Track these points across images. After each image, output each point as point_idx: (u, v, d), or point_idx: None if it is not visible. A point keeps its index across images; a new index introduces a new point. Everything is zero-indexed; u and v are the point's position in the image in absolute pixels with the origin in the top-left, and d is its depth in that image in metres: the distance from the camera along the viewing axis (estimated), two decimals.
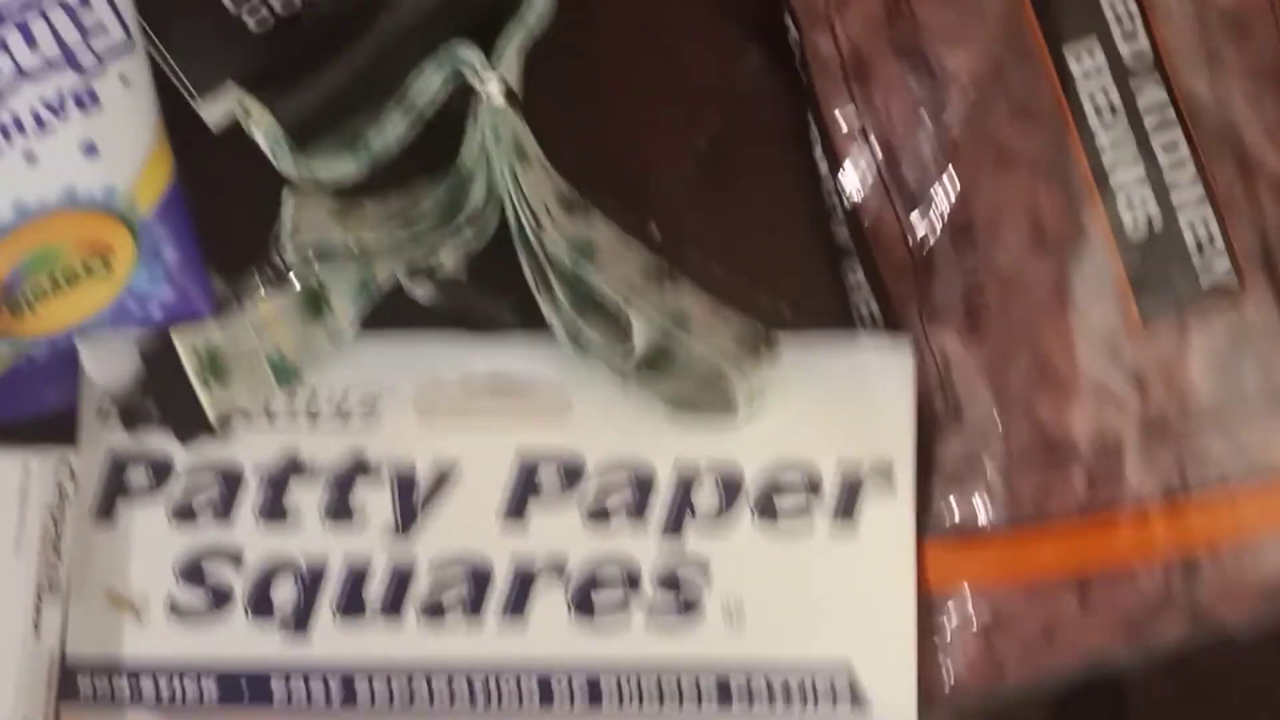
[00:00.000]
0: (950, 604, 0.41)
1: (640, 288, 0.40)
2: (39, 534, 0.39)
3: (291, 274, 0.41)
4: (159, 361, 0.40)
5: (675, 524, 0.41)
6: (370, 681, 0.40)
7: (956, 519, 0.41)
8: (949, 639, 0.41)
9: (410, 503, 0.41)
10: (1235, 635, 0.41)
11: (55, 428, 0.41)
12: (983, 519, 0.41)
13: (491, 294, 0.41)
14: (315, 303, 0.40)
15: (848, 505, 0.41)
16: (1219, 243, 0.41)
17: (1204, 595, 0.41)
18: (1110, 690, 0.42)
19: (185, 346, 0.40)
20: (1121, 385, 0.41)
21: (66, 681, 0.40)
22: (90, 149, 0.39)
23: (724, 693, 0.40)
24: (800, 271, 0.44)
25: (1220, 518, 0.41)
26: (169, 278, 0.41)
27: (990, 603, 0.41)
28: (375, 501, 0.41)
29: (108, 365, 0.41)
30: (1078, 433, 0.41)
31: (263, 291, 0.41)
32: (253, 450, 0.41)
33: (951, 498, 0.41)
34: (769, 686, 0.40)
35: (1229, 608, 0.41)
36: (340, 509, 0.41)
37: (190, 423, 0.40)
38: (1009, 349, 0.41)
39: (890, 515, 0.41)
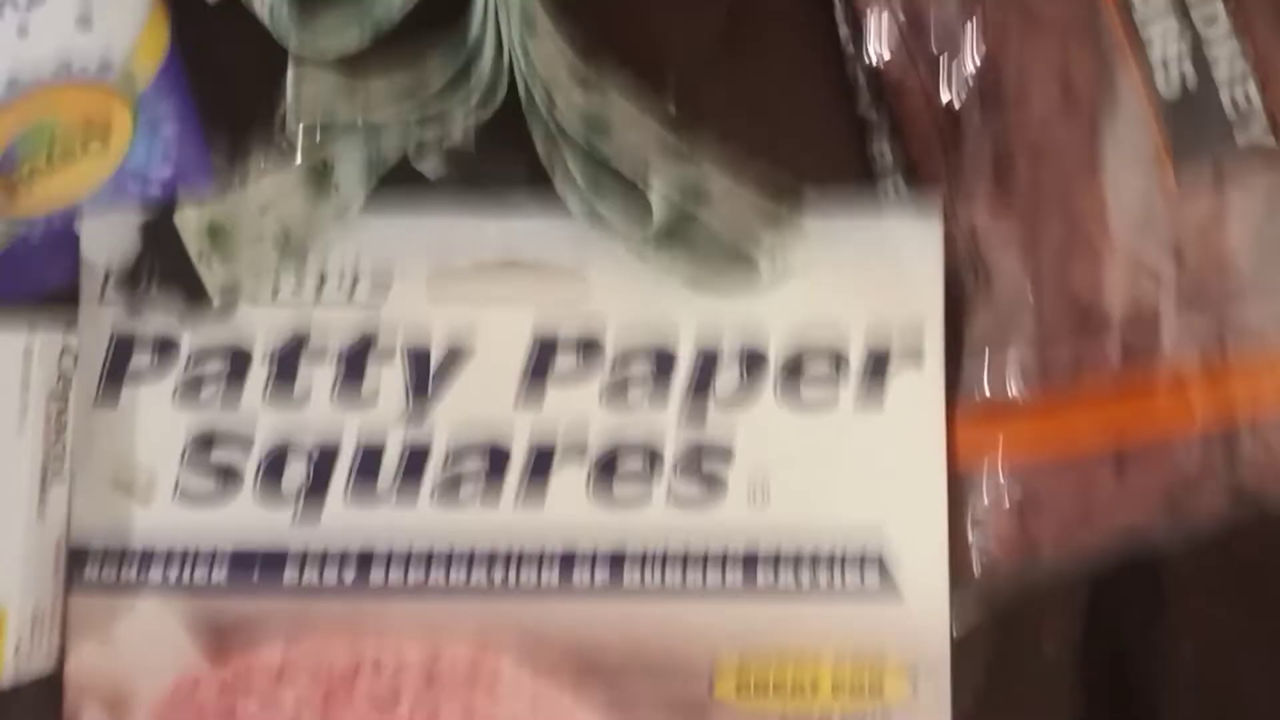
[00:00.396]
0: (982, 480, 0.40)
1: (656, 162, 0.39)
2: (41, 415, 0.38)
3: (295, 149, 0.39)
4: (159, 237, 0.39)
5: (697, 399, 0.40)
6: (385, 563, 0.39)
7: (987, 391, 0.40)
8: (981, 517, 0.40)
9: (423, 380, 0.40)
10: (1276, 511, 0.40)
11: (54, 310, 0.40)
12: (1014, 390, 0.40)
13: (502, 166, 0.40)
14: (320, 179, 0.39)
15: (875, 378, 0.40)
16: (1256, 102, 0.40)
17: (1244, 468, 0.40)
18: (1148, 573, 0.41)
19: (186, 221, 0.39)
20: (1156, 251, 0.40)
21: (73, 566, 0.39)
22: (84, 20, 0.38)
23: (749, 571, 0.39)
24: (824, 148, 0.42)
25: (1260, 385, 0.40)
26: (168, 152, 0.40)
27: (1023, 478, 0.40)
28: (387, 380, 0.40)
29: (107, 242, 0.39)
30: (1111, 301, 0.39)
31: (266, 167, 0.39)
32: (259, 329, 0.40)
33: (982, 370, 0.40)
34: (795, 565, 0.39)
35: (1270, 480, 0.39)
36: (351, 387, 0.39)
37: (193, 299, 0.39)
38: (1039, 217, 0.40)
39: (919, 387, 0.40)
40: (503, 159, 0.40)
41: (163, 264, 0.39)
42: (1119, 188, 0.40)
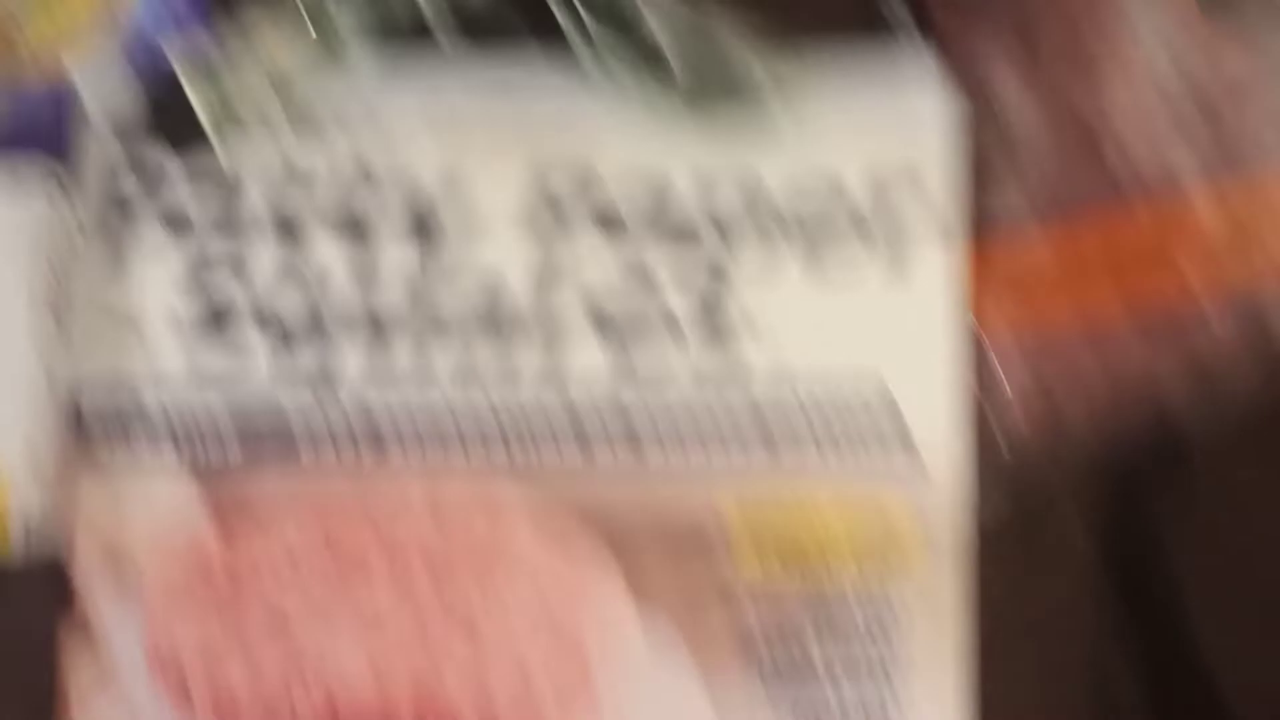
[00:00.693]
0: (1005, 347, 0.38)
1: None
2: (35, 249, 0.37)
3: None
4: (154, 72, 0.38)
5: (699, 245, 0.39)
6: (397, 420, 0.38)
7: (996, 219, 0.38)
8: (1007, 394, 0.38)
9: (419, 213, 0.39)
10: None
11: (54, 162, 0.39)
12: (1024, 218, 0.38)
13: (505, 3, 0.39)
14: (321, 21, 0.38)
15: (898, 257, 0.38)
16: None
17: (1270, 329, 0.38)
18: (1176, 458, 0.40)
19: (180, 57, 0.38)
20: (1166, 65, 0.38)
21: (81, 429, 0.38)
22: None
23: (766, 437, 0.38)
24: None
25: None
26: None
27: (1046, 343, 0.38)
28: (382, 212, 0.39)
29: (105, 91, 0.38)
30: (1124, 124, 0.38)
31: (266, 13, 0.38)
32: (253, 160, 0.39)
33: (990, 198, 0.38)
34: (814, 442, 0.38)
35: None
36: (346, 219, 0.39)
37: (186, 131, 0.38)
38: (1044, 35, 0.38)
39: (938, 255, 0.38)
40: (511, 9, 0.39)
41: (156, 97, 0.38)
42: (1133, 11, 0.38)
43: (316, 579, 0.38)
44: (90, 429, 0.38)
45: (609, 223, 0.38)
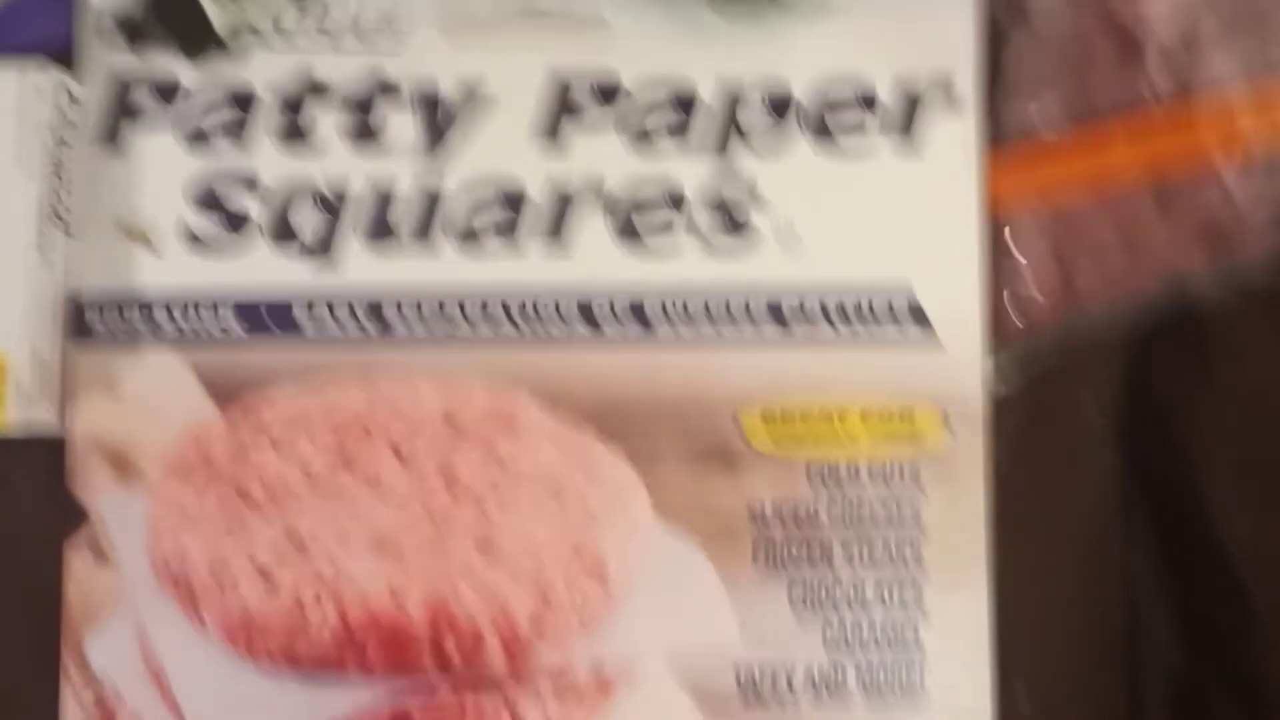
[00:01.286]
0: (1023, 225, 0.38)
1: None
2: (41, 154, 0.37)
3: None
4: None
5: (721, 143, 0.38)
6: (401, 308, 0.38)
7: (1026, 125, 0.38)
8: (1022, 263, 0.38)
9: (436, 123, 0.38)
10: None
11: (55, 60, 0.39)
12: (1054, 121, 0.38)
13: None
14: None
15: (906, 120, 0.38)
16: None
17: None
18: (1190, 328, 0.40)
19: None
20: None
21: (78, 318, 0.38)
22: None
23: (778, 315, 0.38)
24: None
25: None
26: None
27: (1062, 214, 0.38)
28: (399, 122, 0.38)
29: None
30: (1153, 20, 0.38)
31: None
32: (266, 70, 0.38)
33: (1022, 110, 0.38)
34: (824, 307, 0.38)
35: None
36: (362, 130, 0.38)
37: (198, 36, 0.37)
38: None
39: (953, 129, 0.38)
40: None
41: (167, 6, 0.37)
42: None
43: (328, 492, 0.37)
44: (85, 303, 0.38)
45: (630, 130, 0.38)
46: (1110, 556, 0.39)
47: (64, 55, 0.38)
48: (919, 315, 0.38)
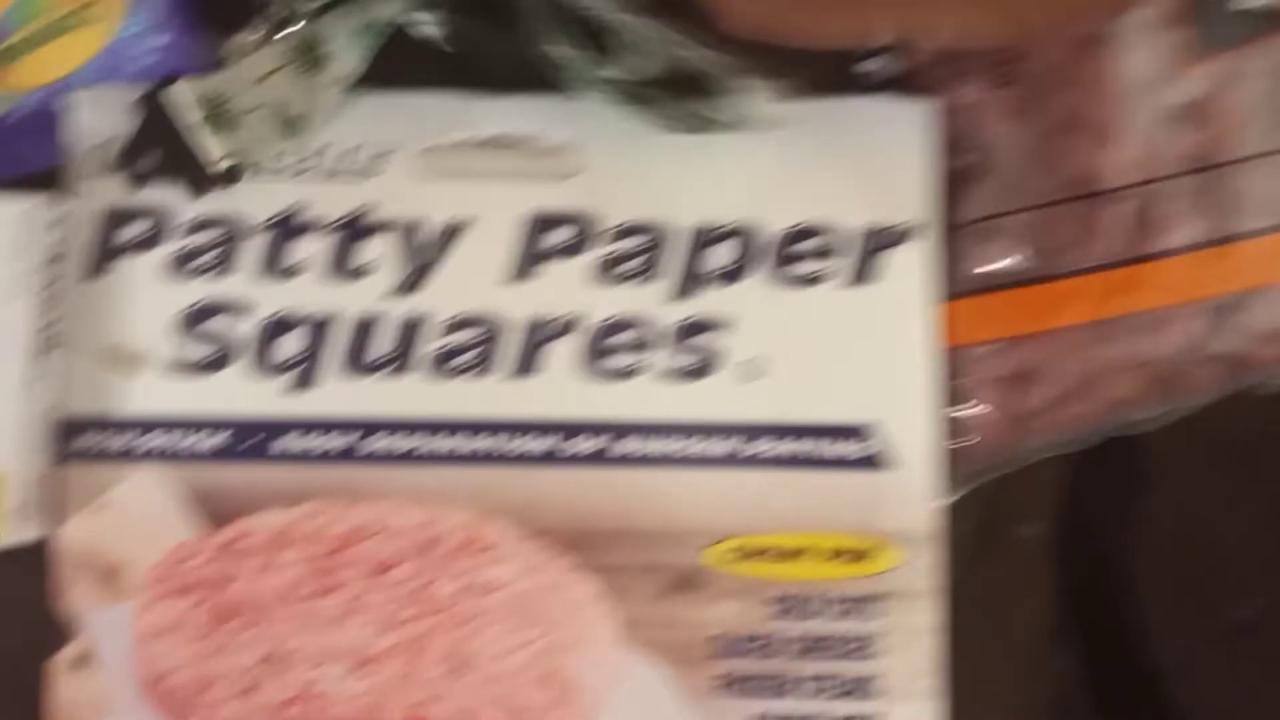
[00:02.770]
0: (976, 359, 0.40)
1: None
2: (34, 286, 0.38)
3: (287, 21, 0.39)
4: (155, 112, 0.38)
5: (689, 286, 0.40)
6: (381, 432, 0.39)
7: (984, 274, 0.40)
8: (973, 396, 0.40)
9: (418, 255, 0.40)
10: (1267, 382, 0.40)
11: (44, 188, 0.40)
12: (1012, 272, 0.40)
13: (502, 28, 0.40)
14: (313, 50, 0.39)
15: (866, 263, 0.40)
16: None
17: (1239, 342, 0.40)
18: (1129, 450, 0.42)
19: (181, 95, 0.38)
20: (1163, 127, 0.40)
21: (67, 437, 0.39)
22: None
23: (741, 441, 0.39)
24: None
25: (1260, 265, 0.40)
26: (160, 26, 0.39)
27: (1019, 355, 0.40)
28: (381, 258, 0.40)
29: (98, 119, 0.39)
30: (1114, 175, 0.39)
31: (258, 40, 0.39)
32: (253, 203, 0.39)
33: (979, 253, 0.40)
34: (787, 435, 0.39)
35: (1264, 351, 0.40)
36: (345, 264, 0.40)
37: (200, 174, 0.38)
38: (1041, 93, 0.40)
39: (911, 264, 0.40)
40: (496, 25, 0.40)
41: (166, 138, 0.38)
42: (1128, 58, 0.39)
43: (308, 611, 0.38)
44: (74, 422, 0.39)
45: (600, 267, 0.39)
46: (1052, 673, 0.41)
47: (50, 182, 0.39)
48: (877, 448, 0.39)
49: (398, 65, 0.40)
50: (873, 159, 0.40)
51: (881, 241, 0.40)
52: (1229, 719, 0.41)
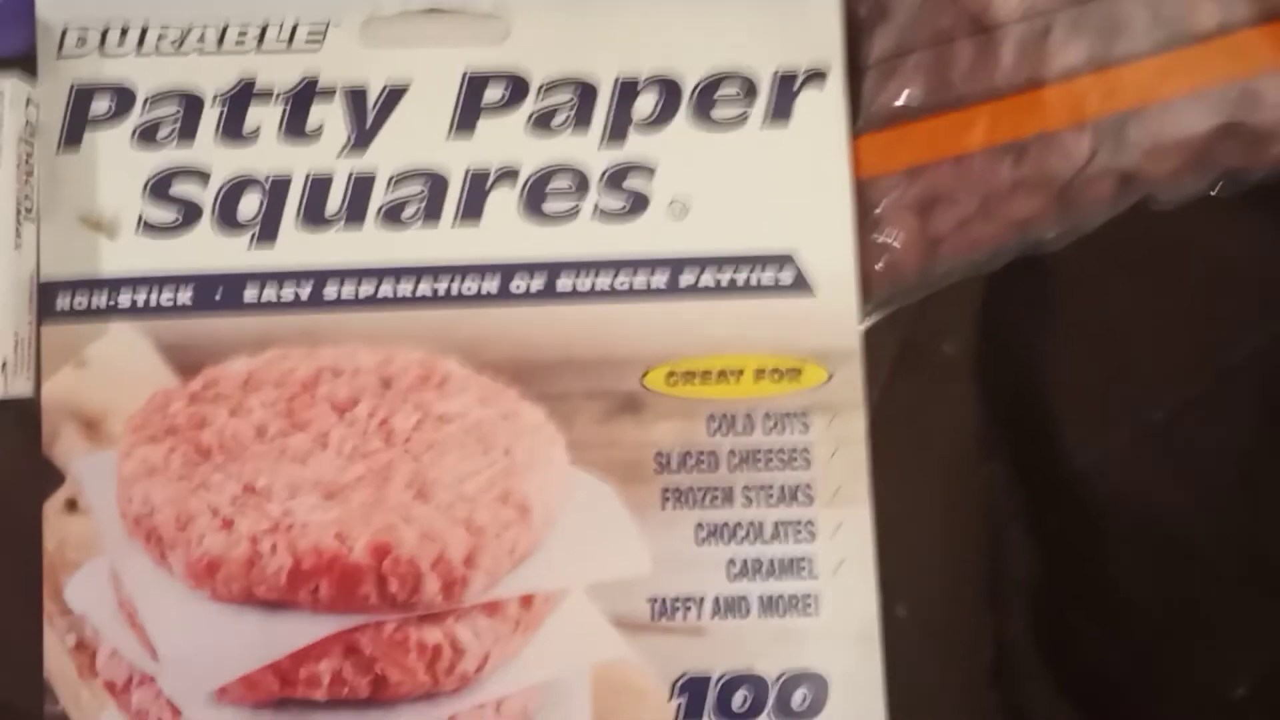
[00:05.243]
0: (887, 188, 0.43)
1: None
2: (13, 157, 0.41)
3: None
4: None
5: (618, 130, 0.43)
6: (338, 280, 0.42)
7: (888, 109, 0.43)
8: (885, 217, 0.43)
9: (364, 119, 0.43)
10: (1158, 196, 0.43)
11: (15, 70, 0.42)
12: (914, 106, 0.43)
13: None
14: None
15: (782, 102, 0.43)
16: None
17: (1130, 155, 0.42)
18: (1036, 266, 0.44)
19: None
20: None
21: (46, 300, 0.42)
22: None
23: (673, 274, 0.42)
24: None
25: (1141, 85, 0.42)
26: None
27: (926, 183, 0.43)
28: (330, 120, 0.43)
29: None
30: (1002, 14, 0.42)
31: None
32: (207, 77, 0.43)
33: (883, 89, 0.43)
34: (714, 267, 0.42)
35: (1153, 166, 0.43)
36: (297, 127, 0.42)
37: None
38: None
39: (823, 104, 0.43)
40: None
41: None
42: None
43: (279, 447, 0.41)
44: (52, 285, 0.42)
45: (525, 92, 0.43)
46: (974, 482, 0.44)
47: (27, 63, 0.42)
48: (800, 274, 0.42)
49: None
50: (782, 5, 0.43)
51: (794, 84, 0.43)
52: (1147, 515, 0.43)
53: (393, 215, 0.42)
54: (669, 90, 0.43)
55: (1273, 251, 0.44)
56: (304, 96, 0.43)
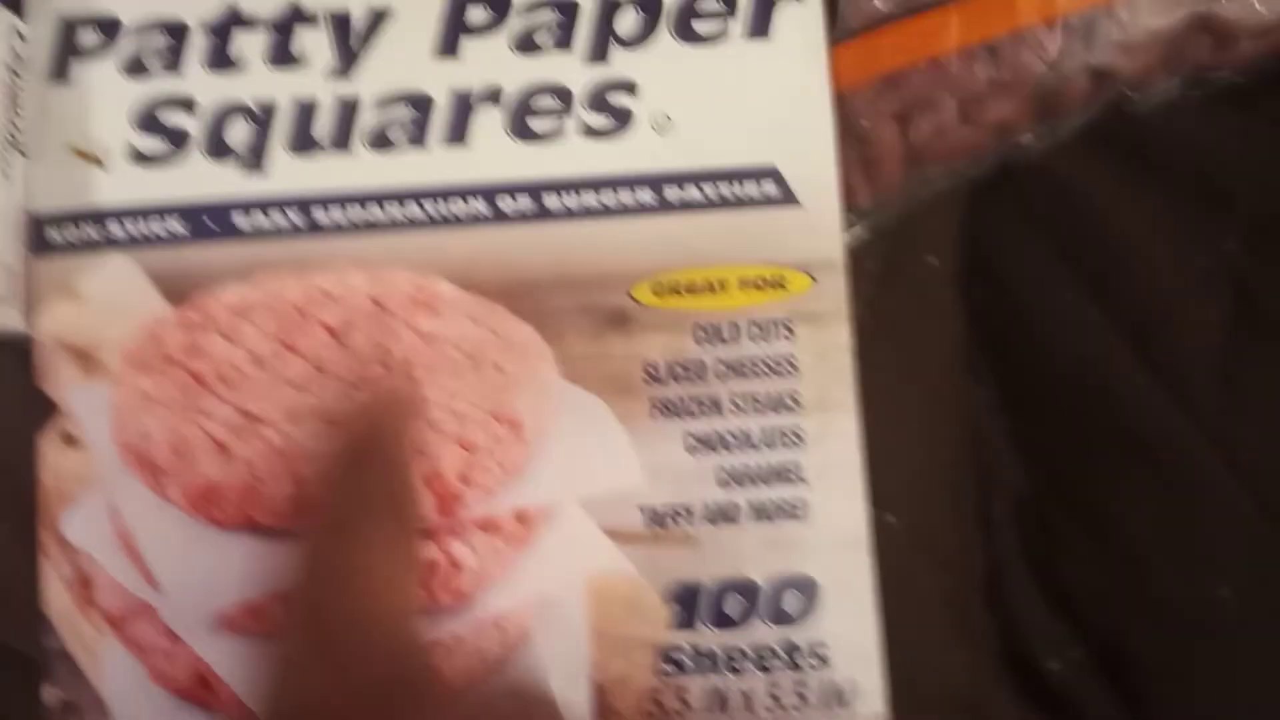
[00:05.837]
0: (865, 94, 0.43)
1: None
2: (2, 89, 0.41)
3: None
4: None
5: (600, 49, 0.43)
6: (328, 205, 0.42)
7: (865, 13, 0.43)
8: (866, 128, 0.43)
9: (348, 44, 0.43)
10: (1133, 97, 0.44)
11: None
12: (887, 11, 0.43)
13: None
14: None
15: (762, 18, 0.43)
16: None
17: (1101, 52, 0.43)
18: (1017, 173, 0.44)
19: None
20: None
21: (38, 234, 0.42)
22: None
23: (658, 190, 0.43)
24: None
25: None
26: None
27: (904, 90, 0.43)
28: (315, 46, 0.43)
29: None
30: None
31: None
32: (194, 4, 0.43)
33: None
34: (699, 181, 0.43)
35: (1125, 63, 0.43)
36: (283, 54, 0.43)
37: None
38: None
39: (803, 23, 0.43)
40: None
41: None
42: None
43: (273, 372, 0.42)
44: (44, 217, 0.42)
45: (519, 40, 0.43)
46: (959, 390, 0.44)
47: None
48: (783, 186, 0.43)
49: None
50: None
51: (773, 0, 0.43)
52: (1140, 426, 0.44)
53: (380, 139, 0.43)
54: (650, 7, 0.43)
55: (1250, 151, 0.44)
56: (287, 23, 0.43)
